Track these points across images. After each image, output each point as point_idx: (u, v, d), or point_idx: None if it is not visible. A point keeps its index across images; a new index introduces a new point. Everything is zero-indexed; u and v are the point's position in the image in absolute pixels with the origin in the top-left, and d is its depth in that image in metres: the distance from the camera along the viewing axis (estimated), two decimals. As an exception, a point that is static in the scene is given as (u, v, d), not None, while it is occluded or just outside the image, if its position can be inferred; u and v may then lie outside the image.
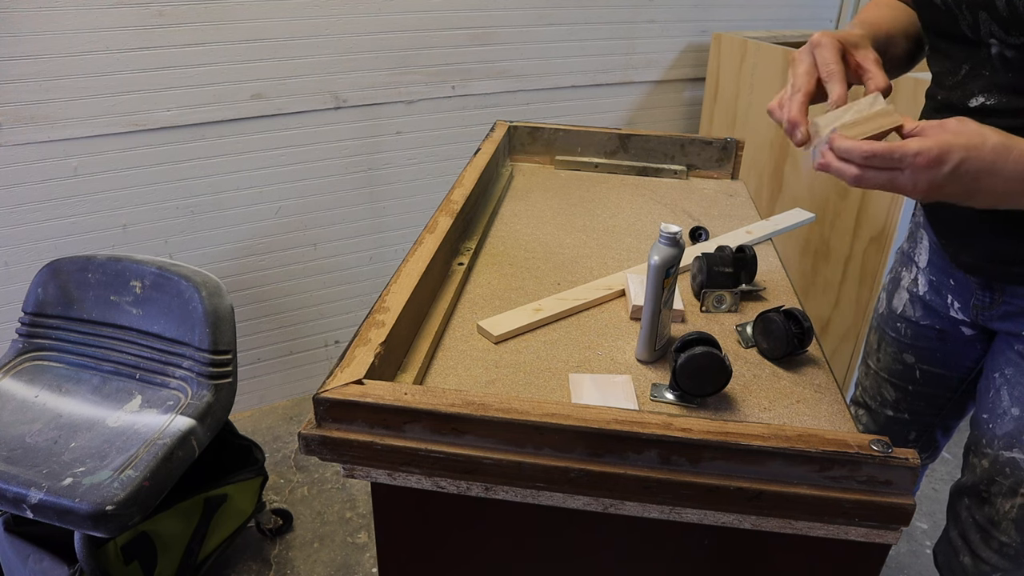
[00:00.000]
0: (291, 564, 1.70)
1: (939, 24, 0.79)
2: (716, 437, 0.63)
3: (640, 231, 1.23)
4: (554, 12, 2.08)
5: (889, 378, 1.14)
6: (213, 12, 1.71)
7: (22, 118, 1.62)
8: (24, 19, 1.55)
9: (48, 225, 1.74)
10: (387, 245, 2.18)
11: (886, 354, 1.13)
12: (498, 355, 0.89)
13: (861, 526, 0.63)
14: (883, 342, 1.13)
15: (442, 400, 0.66)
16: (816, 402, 0.82)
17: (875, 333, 1.16)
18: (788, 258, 2.08)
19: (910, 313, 1.06)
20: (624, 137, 1.49)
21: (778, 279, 1.09)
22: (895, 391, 1.14)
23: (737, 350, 0.92)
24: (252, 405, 2.21)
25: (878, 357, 1.15)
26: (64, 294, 1.47)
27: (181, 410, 1.33)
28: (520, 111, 2.16)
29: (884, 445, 0.62)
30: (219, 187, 1.89)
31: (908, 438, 1.18)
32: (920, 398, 1.12)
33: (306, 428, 0.67)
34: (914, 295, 1.05)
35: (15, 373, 1.45)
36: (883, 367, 1.14)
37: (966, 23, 0.74)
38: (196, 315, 1.36)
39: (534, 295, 1.01)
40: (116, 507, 1.14)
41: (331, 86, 1.90)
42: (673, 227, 0.84)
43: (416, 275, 0.87)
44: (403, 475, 0.68)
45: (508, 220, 1.25)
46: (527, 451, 0.66)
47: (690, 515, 0.66)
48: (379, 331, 0.76)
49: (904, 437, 1.18)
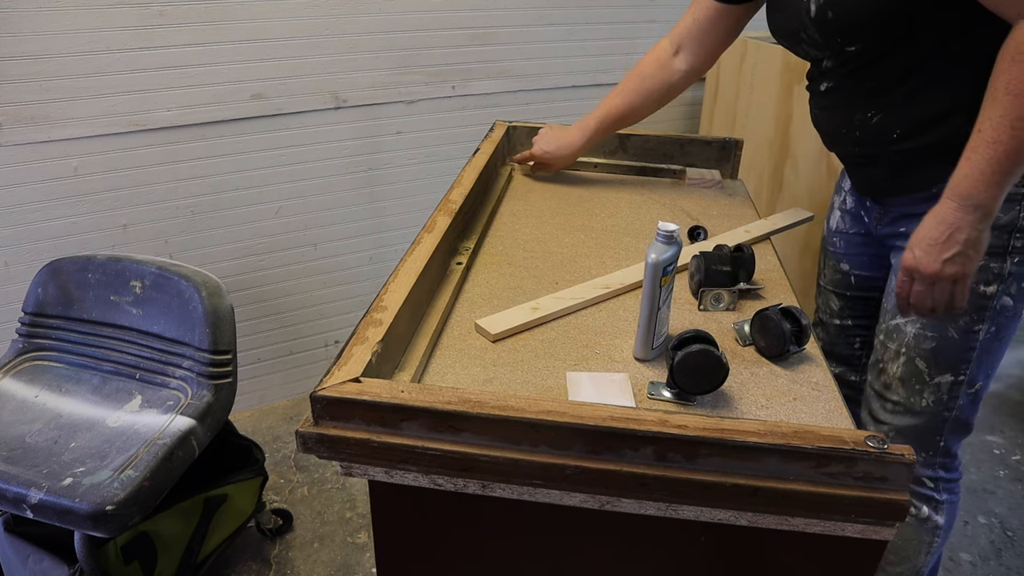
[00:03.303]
0: (291, 564, 1.70)
1: (795, 54, 1.15)
2: (712, 434, 0.63)
3: (639, 230, 1.23)
4: (554, 12, 2.08)
5: (834, 289, 1.34)
6: (213, 12, 1.71)
7: (22, 118, 1.62)
8: (24, 19, 1.55)
9: (48, 225, 1.75)
10: (387, 245, 2.18)
11: (828, 268, 1.34)
12: (496, 354, 0.89)
13: (857, 522, 0.64)
14: (826, 258, 1.34)
15: (438, 398, 0.66)
16: (813, 400, 0.82)
17: (821, 254, 1.37)
18: (786, 257, 2.08)
19: (842, 227, 1.28)
20: (623, 137, 1.49)
21: (776, 278, 1.09)
22: (838, 300, 1.34)
23: (735, 348, 0.92)
24: (252, 405, 2.22)
25: (824, 274, 1.36)
26: (64, 294, 1.47)
27: (181, 410, 1.33)
28: (520, 111, 2.16)
29: (879, 441, 0.62)
30: (219, 187, 1.89)
31: (854, 346, 1.36)
32: (857, 302, 1.32)
33: (304, 426, 0.67)
34: (844, 211, 1.28)
35: (15, 373, 1.45)
36: (828, 281, 1.35)
37: (802, 52, 1.12)
38: (196, 315, 1.36)
39: (532, 294, 1.01)
40: (116, 507, 1.14)
41: (331, 86, 1.90)
42: (670, 225, 0.84)
43: (414, 274, 0.88)
44: (400, 473, 0.69)
45: (507, 220, 1.25)
46: (524, 448, 0.66)
47: (686, 512, 0.66)
48: (376, 329, 0.77)
49: (851, 346, 1.37)
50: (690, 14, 1.28)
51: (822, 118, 1.16)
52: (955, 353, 1.08)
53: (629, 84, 1.33)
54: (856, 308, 1.33)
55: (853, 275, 1.29)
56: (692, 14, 1.27)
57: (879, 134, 1.05)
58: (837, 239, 1.30)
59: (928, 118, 1.00)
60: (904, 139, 1.03)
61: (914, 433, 1.14)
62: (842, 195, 1.29)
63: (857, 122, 1.07)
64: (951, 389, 1.10)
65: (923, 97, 1.00)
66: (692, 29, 1.27)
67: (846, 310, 1.34)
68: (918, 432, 1.14)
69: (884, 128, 1.04)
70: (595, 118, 1.35)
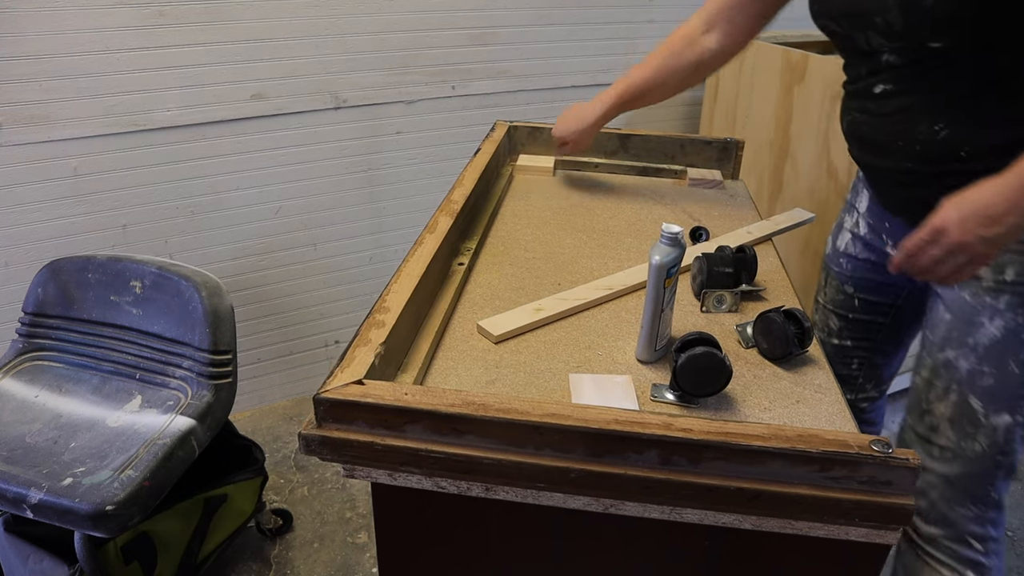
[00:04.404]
0: (291, 564, 1.70)
1: (842, 43, 1.02)
2: (716, 437, 0.63)
3: (640, 231, 1.23)
4: (554, 12, 2.08)
5: (834, 309, 1.29)
6: (213, 12, 1.71)
7: (22, 118, 1.62)
8: (25, 19, 1.55)
9: (48, 225, 1.74)
10: (387, 245, 2.18)
11: (831, 287, 1.28)
12: (498, 355, 0.89)
13: (861, 526, 0.63)
14: (829, 277, 1.28)
15: (442, 400, 0.66)
16: (816, 402, 0.82)
17: (823, 272, 1.31)
18: (788, 258, 2.08)
19: (852, 250, 1.22)
20: (624, 137, 1.49)
21: (778, 279, 1.09)
22: (839, 320, 1.29)
23: (737, 350, 0.92)
24: (252, 405, 2.21)
25: (825, 292, 1.30)
26: (64, 294, 1.46)
27: (181, 410, 1.33)
28: (520, 111, 2.16)
29: (884, 445, 0.62)
30: (219, 187, 1.89)
31: (851, 367, 1.32)
32: (859, 325, 1.27)
33: (306, 428, 0.67)
34: (855, 235, 1.20)
35: (15, 373, 1.45)
36: (829, 300, 1.29)
37: (861, 40, 0.96)
38: (196, 315, 1.36)
39: (534, 295, 1.01)
40: (116, 507, 1.14)
41: (331, 86, 1.90)
42: (674, 227, 0.84)
43: (416, 275, 0.87)
44: (403, 475, 0.68)
45: (508, 220, 1.25)
46: (527, 451, 0.66)
47: (690, 515, 0.66)
48: (379, 331, 0.76)
49: (848, 366, 1.32)
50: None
51: (869, 125, 1.01)
52: (1015, 389, 0.97)
53: (654, 59, 1.24)
54: (858, 330, 1.27)
55: (858, 298, 1.23)
56: None
57: (944, 150, 0.92)
58: (844, 261, 1.23)
59: (1006, 138, 0.88)
60: (973, 158, 0.90)
61: (964, 483, 1.02)
62: (854, 217, 1.20)
63: (920, 135, 0.93)
64: (1008, 432, 0.98)
65: (1005, 114, 0.89)
66: (725, 4, 1.18)
67: (846, 331, 1.29)
68: (969, 481, 1.02)
69: (951, 144, 0.91)
70: (615, 90, 1.26)
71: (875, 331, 1.26)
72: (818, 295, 1.34)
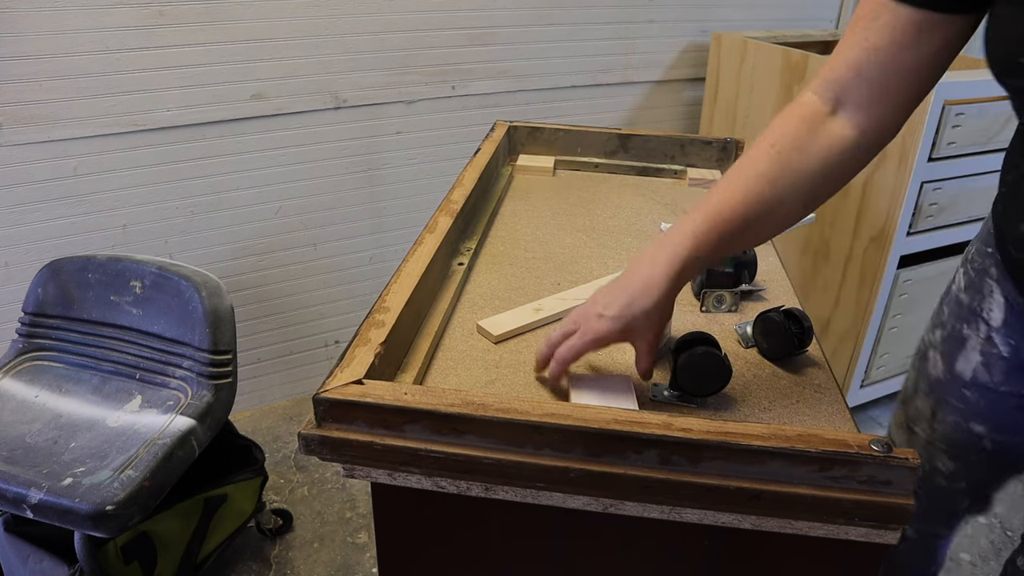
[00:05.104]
0: (291, 564, 1.70)
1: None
2: (716, 437, 0.63)
3: (640, 231, 1.23)
4: (554, 12, 2.08)
5: (948, 448, 0.99)
6: (213, 12, 1.71)
7: (22, 118, 1.62)
8: (25, 19, 1.55)
9: (48, 225, 1.74)
10: (387, 245, 2.18)
11: (945, 424, 0.98)
12: (498, 355, 0.88)
13: (861, 526, 0.63)
14: (941, 410, 0.98)
15: (442, 400, 0.66)
16: (816, 402, 0.82)
17: (927, 399, 1.00)
18: (788, 258, 2.08)
19: (986, 379, 0.91)
20: (624, 137, 1.49)
21: (778, 279, 1.09)
22: (953, 462, 1.00)
23: (737, 350, 0.92)
24: (252, 405, 2.21)
25: (932, 427, 1.00)
26: (64, 294, 1.46)
27: (181, 410, 1.33)
28: (520, 111, 2.16)
29: (884, 445, 0.62)
30: (219, 187, 1.89)
31: (961, 507, 1.05)
32: (984, 468, 0.99)
33: (306, 428, 0.67)
34: (993, 357, 0.90)
35: (15, 373, 1.45)
36: (940, 436, 0.99)
37: None
38: (196, 315, 1.36)
39: (534, 295, 1.01)
40: (116, 507, 1.14)
41: (331, 86, 1.90)
42: (673, 227, 0.84)
43: (416, 275, 0.87)
44: (403, 475, 0.68)
45: (508, 220, 1.25)
46: (527, 451, 0.66)
47: (690, 515, 0.66)
48: (379, 331, 0.76)
49: (956, 506, 1.05)
50: (857, 44, 0.71)
51: None
52: None
53: (756, 166, 0.74)
54: (981, 473, 1.00)
55: (991, 439, 0.94)
56: (861, 43, 0.70)
57: None
58: (972, 393, 0.93)
59: None
60: None
61: None
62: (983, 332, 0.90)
63: None
64: None
65: None
66: (864, 68, 0.71)
67: (962, 474, 1.00)
68: None
69: None
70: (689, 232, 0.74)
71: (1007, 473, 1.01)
72: (915, 425, 1.03)
